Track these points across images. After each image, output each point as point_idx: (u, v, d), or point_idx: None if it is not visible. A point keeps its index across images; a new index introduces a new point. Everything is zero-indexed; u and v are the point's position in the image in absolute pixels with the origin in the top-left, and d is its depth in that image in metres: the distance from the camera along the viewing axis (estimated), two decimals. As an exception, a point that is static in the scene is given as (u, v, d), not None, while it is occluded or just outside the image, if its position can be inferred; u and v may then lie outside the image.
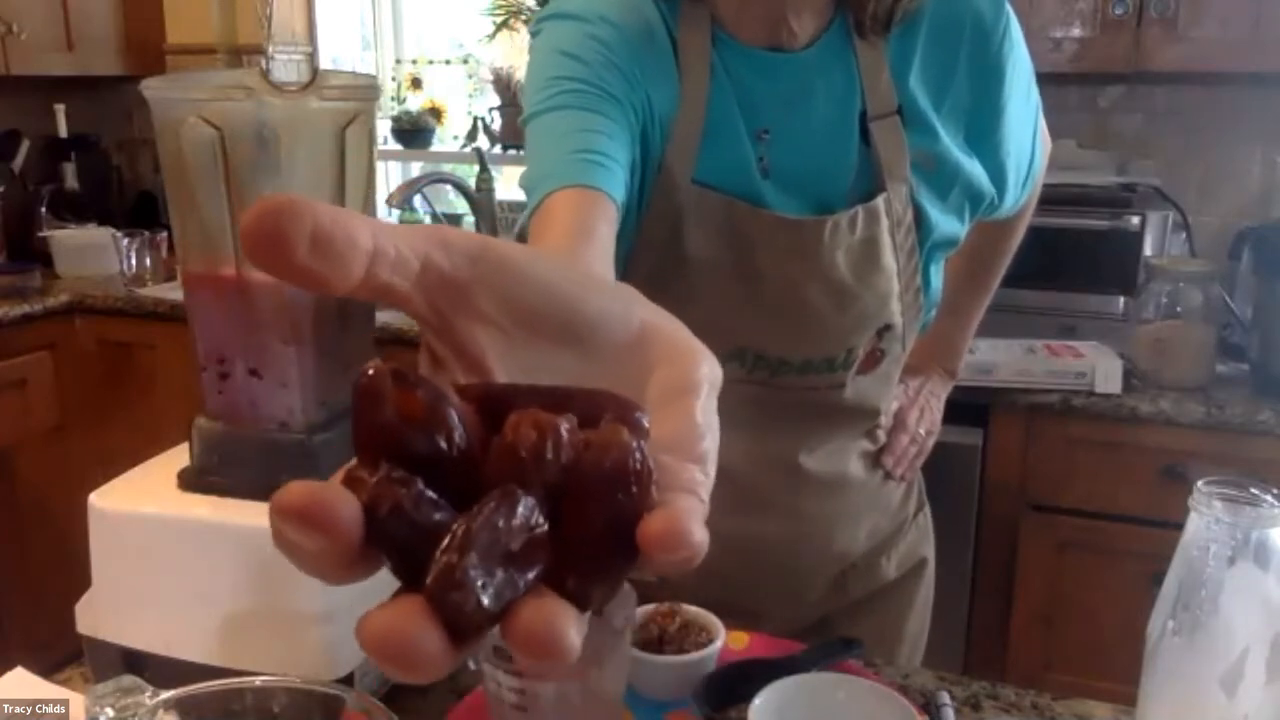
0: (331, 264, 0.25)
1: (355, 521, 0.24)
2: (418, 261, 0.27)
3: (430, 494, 0.25)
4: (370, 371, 0.26)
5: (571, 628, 0.24)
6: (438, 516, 0.25)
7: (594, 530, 0.25)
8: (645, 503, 0.26)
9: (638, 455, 0.26)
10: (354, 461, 0.26)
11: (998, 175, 0.88)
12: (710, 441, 0.29)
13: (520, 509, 0.25)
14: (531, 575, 0.25)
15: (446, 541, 0.24)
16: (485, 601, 0.24)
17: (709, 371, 0.31)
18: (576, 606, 0.25)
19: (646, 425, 0.28)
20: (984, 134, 0.86)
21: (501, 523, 0.24)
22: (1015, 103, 0.86)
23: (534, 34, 0.83)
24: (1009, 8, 0.83)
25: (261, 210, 0.24)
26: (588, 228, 0.61)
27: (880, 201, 0.83)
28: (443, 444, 0.26)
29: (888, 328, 0.88)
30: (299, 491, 0.24)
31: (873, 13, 0.79)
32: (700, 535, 0.26)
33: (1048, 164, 1.03)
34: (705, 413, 0.30)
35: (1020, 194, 0.95)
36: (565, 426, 0.26)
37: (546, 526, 0.25)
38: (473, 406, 0.28)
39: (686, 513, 0.26)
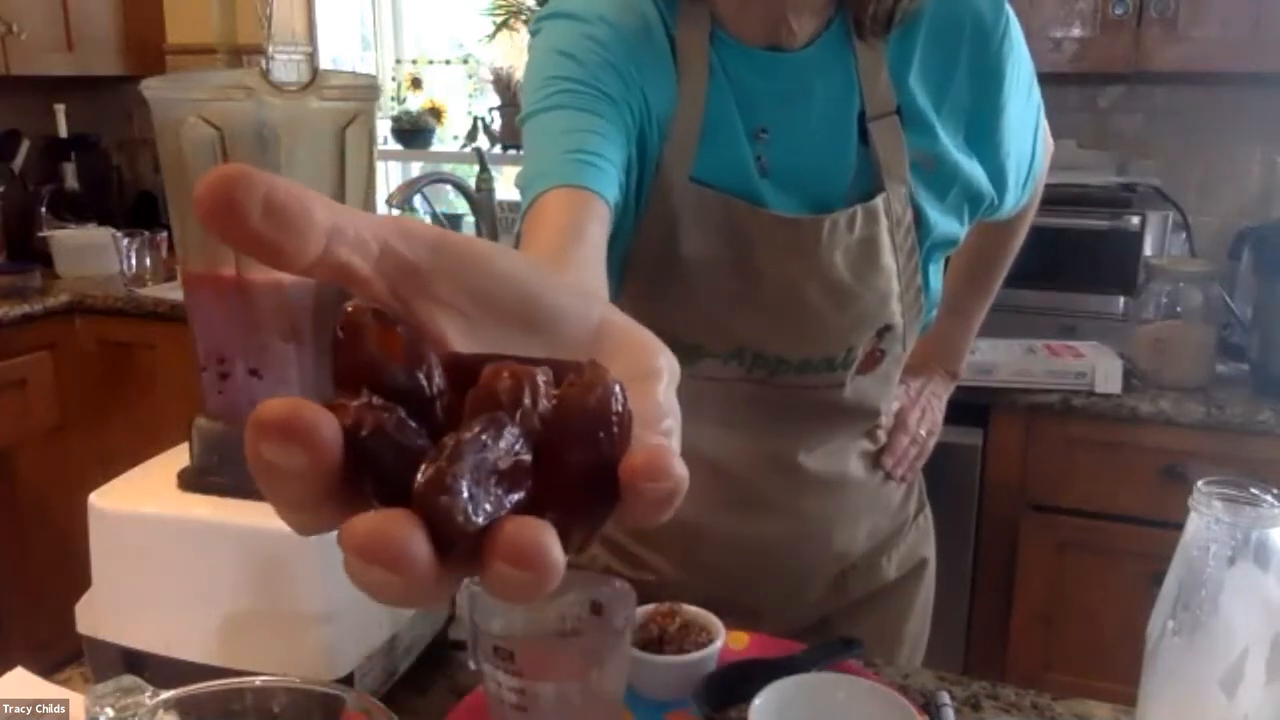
0: (286, 233, 0.25)
1: (335, 440, 0.24)
2: (377, 245, 0.27)
3: (411, 422, 0.25)
4: (350, 308, 0.26)
5: (556, 544, 0.24)
6: (419, 442, 0.25)
7: (576, 466, 0.25)
8: (624, 448, 0.26)
9: (620, 395, 0.26)
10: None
11: (998, 176, 0.88)
12: (673, 421, 0.29)
13: (506, 434, 0.25)
14: (516, 497, 0.25)
15: (435, 452, 0.24)
16: (471, 511, 0.23)
17: (667, 362, 0.31)
18: (557, 526, 0.25)
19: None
20: (984, 135, 0.86)
21: (489, 441, 0.24)
22: (1015, 104, 0.86)
23: (533, 33, 0.83)
24: (1009, 8, 0.83)
25: (215, 176, 0.25)
26: (578, 228, 0.61)
27: (879, 201, 0.83)
28: (422, 380, 0.26)
29: (888, 328, 0.88)
30: (279, 405, 0.23)
31: (873, 14, 0.79)
32: (681, 470, 0.26)
33: (1049, 165, 1.03)
34: (666, 395, 0.30)
35: (1021, 195, 0.95)
36: (542, 378, 0.26)
37: (530, 458, 0.25)
38: (447, 377, 0.28)
39: (667, 448, 0.26)
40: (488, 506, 0.24)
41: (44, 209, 2.69)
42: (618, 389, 0.26)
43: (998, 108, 0.85)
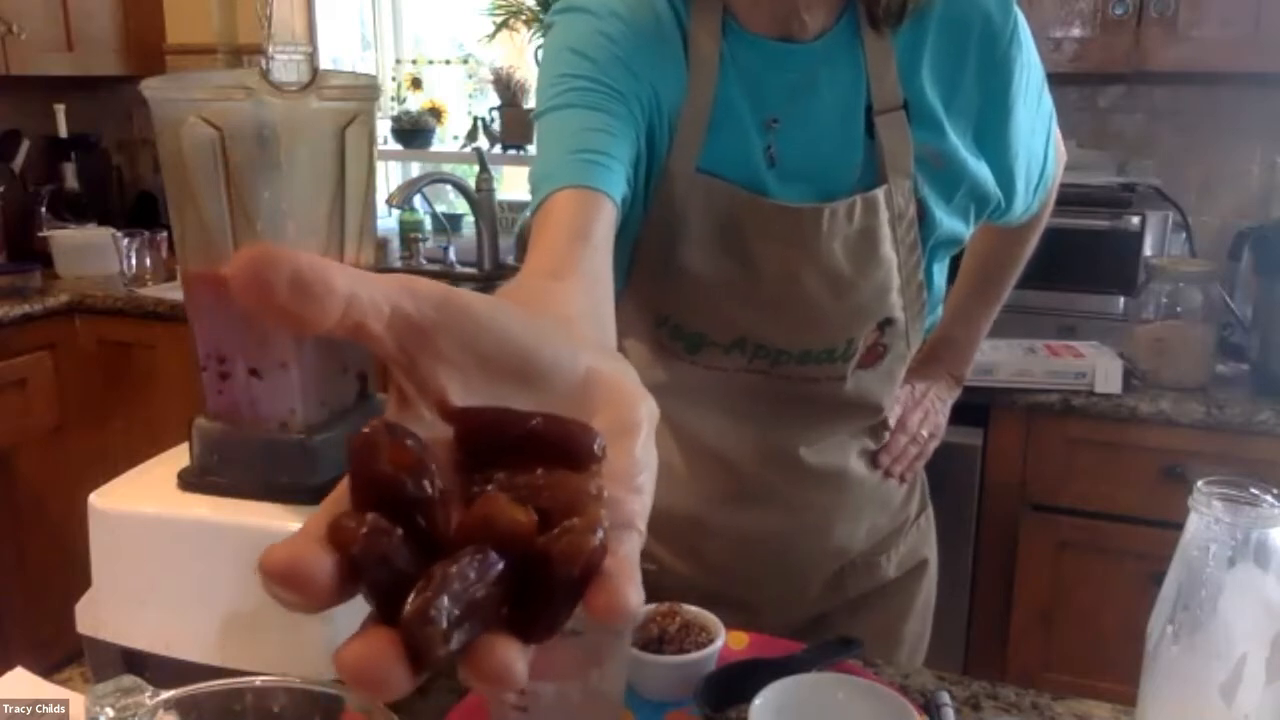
0: (309, 303, 0.28)
1: (329, 578, 0.27)
2: (388, 307, 0.30)
3: (404, 549, 0.28)
4: (368, 429, 0.29)
5: (520, 661, 0.28)
6: (411, 569, 0.28)
7: (554, 605, 0.29)
8: (595, 573, 0.29)
9: (599, 552, 0.29)
10: (329, 504, 0.29)
11: (1005, 178, 0.88)
12: (647, 476, 0.33)
13: (488, 567, 0.28)
14: (488, 621, 0.28)
15: (423, 582, 0.27)
16: (450, 640, 0.27)
17: (647, 411, 0.35)
18: (524, 642, 0.29)
19: (603, 451, 0.31)
20: (991, 135, 0.86)
21: (473, 574, 0.28)
22: (1024, 106, 0.86)
23: (548, 26, 0.84)
24: (1018, 11, 0.83)
25: (245, 257, 0.27)
26: (585, 230, 0.63)
27: (880, 193, 0.83)
28: (427, 488, 0.29)
29: (889, 321, 0.89)
30: (280, 555, 0.27)
31: (885, 4, 0.80)
32: (635, 599, 0.29)
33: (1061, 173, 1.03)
34: (644, 449, 0.34)
35: (1032, 200, 0.95)
36: (526, 518, 0.29)
37: (505, 586, 0.28)
38: (456, 429, 0.32)
39: (625, 582, 0.29)
40: (463, 635, 0.27)
41: (44, 209, 2.69)
42: (597, 543, 0.29)
43: (1005, 108, 0.85)
